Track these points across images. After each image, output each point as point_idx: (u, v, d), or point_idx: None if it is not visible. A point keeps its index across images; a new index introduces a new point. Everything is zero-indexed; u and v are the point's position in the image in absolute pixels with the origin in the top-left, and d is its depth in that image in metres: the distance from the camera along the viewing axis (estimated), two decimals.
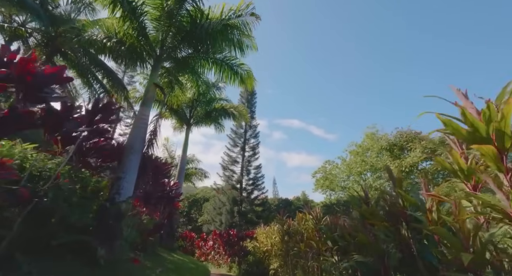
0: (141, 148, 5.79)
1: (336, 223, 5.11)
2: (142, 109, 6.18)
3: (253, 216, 20.30)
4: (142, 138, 5.85)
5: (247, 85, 8.41)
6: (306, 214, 6.97)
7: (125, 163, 5.50)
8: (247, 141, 23.19)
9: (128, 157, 5.56)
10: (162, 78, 8.82)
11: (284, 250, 8.72)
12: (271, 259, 9.93)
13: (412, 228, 2.98)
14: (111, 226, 4.98)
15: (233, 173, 22.18)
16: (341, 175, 22.68)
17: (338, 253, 4.86)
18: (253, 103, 24.04)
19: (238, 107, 13.06)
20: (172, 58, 7.45)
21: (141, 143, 5.82)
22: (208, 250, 17.14)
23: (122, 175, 5.36)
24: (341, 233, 4.64)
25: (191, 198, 26.74)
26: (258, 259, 11.44)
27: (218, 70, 8.33)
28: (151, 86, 6.41)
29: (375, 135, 19.95)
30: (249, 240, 13.31)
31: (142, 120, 5.97)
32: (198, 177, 16.66)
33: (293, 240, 8.02)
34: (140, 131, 5.89)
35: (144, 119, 6.00)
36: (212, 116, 12.92)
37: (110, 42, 6.46)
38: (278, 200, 24.30)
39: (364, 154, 20.29)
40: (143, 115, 6.05)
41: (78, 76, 10.54)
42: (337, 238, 4.70)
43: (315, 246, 6.25)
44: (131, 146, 5.70)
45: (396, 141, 16.15)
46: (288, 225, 8.53)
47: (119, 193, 5.19)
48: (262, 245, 10.89)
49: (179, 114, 12.83)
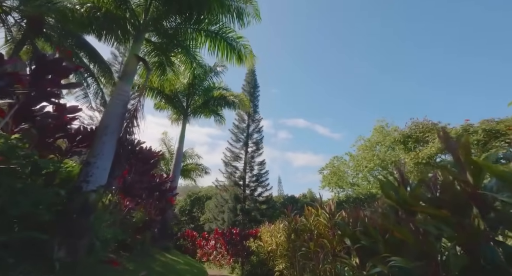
0: (118, 129, 4.82)
1: (356, 217, 4.05)
2: (121, 84, 5.21)
3: (257, 214, 19.27)
4: (119, 117, 4.87)
5: (245, 63, 7.39)
6: (317, 208, 5.93)
7: (96, 146, 4.53)
8: (250, 136, 22.18)
9: (101, 139, 4.59)
10: (151, 57, 7.85)
11: (290, 250, 7.76)
12: (276, 260, 9.01)
13: (490, 219, 1.93)
14: (76, 221, 4.04)
15: (236, 169, 21.22)
16: (349, 171, 21.52)
17: (360, 254, 3.82)
18: (256, 96, 22.99)
19: (239, 95, 12.06)
20: (158, 29, 6.47)
21: (118, 123, 4.84)
22: (210, 250, 16.28)
23: (91, 160, 4.40)
24: (365, 228, 3.61)
25: (193, 196, 25.90)
26: (262, 260, 10.52)
27: (213, 45, 7.32)
28: (131, 58, 5.43)
29: (384, 129, 18.70)
30: (252, 239, 12.39)
31: (119, 96, 5.00)
32: (198, 173, 15.75)
33: (301, 239, 7.02)
34: (117, 109, 4.91)
35: (123, 95, 5.02)
36: (211, 105, 11.93)
37: (83, 8, 5.51)
38: (283, 198, 23.25)
39: (373, 149, 19.08)
40: (121, 91, 5.08)
41: None
42: (359, 235, 3.65)
43: (328, 245, 5.19)
44: (105, 126, 4.72)
45: (411, 133, 14.88)
46: (295, 222, 7.57)
47: (87, 181, 4.23)
48: (266, 244, 10.05)
49: (175, 104, 11.89)
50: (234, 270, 12.65)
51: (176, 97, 11.52)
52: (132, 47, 5.66)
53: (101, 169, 4.42)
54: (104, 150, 4.53)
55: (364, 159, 18.23)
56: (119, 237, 5.72)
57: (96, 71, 9.40)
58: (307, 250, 6.16)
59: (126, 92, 5.10)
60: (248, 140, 21.99)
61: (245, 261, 11.98)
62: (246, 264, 11.84)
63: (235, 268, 12.69)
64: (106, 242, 5.14)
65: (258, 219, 18.39)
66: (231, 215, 18.85)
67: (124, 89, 5.10)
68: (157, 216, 8.61)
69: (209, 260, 15.95)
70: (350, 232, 3.94)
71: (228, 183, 20.67)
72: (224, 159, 21.55)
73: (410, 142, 15.34)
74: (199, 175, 15.84)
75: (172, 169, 11.07)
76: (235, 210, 19.10)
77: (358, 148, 20.13)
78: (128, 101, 5.13)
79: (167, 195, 8.15)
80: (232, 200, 19.31)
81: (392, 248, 3.17)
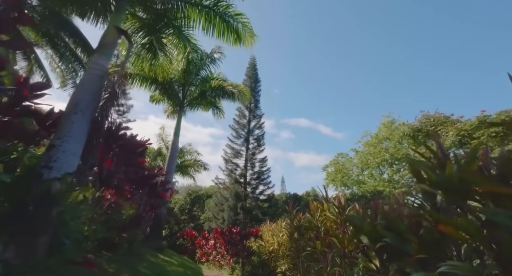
0: (91, 107, 4.10)
1: (376, 209, 3.27)
2: (96, 56, 4.48)
3: (259, 212, 18.49)
4: (93, 93, 4.16)
5: (244, 42, 6.65)
6: (322, 203, 5.17)
7: (64, 126, 3.82)
8: (251, 132, 21.39)
9: (70, 118, 3.88)
10: (139, 36, 7.15)
11: (293, 250, 7.06)
12: (279, 261, 8.36)
13: None
14: (33, 215, 3.34)
15: (237, 166, 20.44)
16: (355, 169, 20.64)
17: (380, 255, 3.07)
18: (257, 91, 22.20)
19: (238, 86, 11.31)
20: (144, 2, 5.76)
21: (91, 101, 4.13)
22: (209, 250, 15.64)
23: (56, 142, 3.69)
24: (389, 222, 2.85)
25: (193, 195, 25.22)
26: (263, 260, 9.89)
27: (208, 23, 6.60)
28: (110, 30, 4.72)
29: (393, 124, 17.78)
30: (253, 239, 11.76)
31: (94, 70, 4.28)
32: (196, 169, 15.04)
33: (305, 238, 6.30)
34: (90, 84, 4.19)
35: (97, 70, 4.31)
36: (208, 95, 11.19)
37: None
38: (286, 196, 22.48)
39: (379, 144, 18.20)
40: (96, 64, 4.36)
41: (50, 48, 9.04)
42: (381, 230, 2.88)
43: (337, 244, 4.44)
44: (75, 103, 4.01)
45: (421, 126, 14.02)
46: (298, 220, 6.86)
47: (49, 167, 3.52)
48: (268, 244, 9.45)
49: (171, 95, 11.18)
50: (234, 271, 12.08)
51: (171, 88, 10.81)
52: (112, 17, 4.95)
53: (69, 154, 3.70)
54: (73, 131, 3.82)
55: (370, 155, 17.34)
56: (99, 235, 5.02)
57: (86, 59, 8.73)
58: (312, 250, 5.43)
59: (101, 66, 4.38)
60: (249, 136, 21.21)
61: (246, 262, 11.43)
62: (246, 264, 11.30)
63: (235, 269, 12.12)
64: (82, 240, 4.45)
65: (259, 218, 17.63)
66: (232, 214, 18.10)
67: (99, 62, 4.38)
68: (148, 212, 7.93)
69: (208, 260, 15.36)
70: (368, 227, 3.18)
71: (228, 181, 19.92)
72: (224, 156, 20.80)
73: (420, 136, 14.49)
74: (197, 171, 15.13)
75: (167, 162, 10.36)
76: (235, 209, 18.35)
77: (364, 144, 19.26)
78: (104, 76, 4.41)
79: (159, 190, 7.44)
80: (232, 198, 18.56)
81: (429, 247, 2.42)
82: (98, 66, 4.36)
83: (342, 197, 4.47)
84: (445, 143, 12.05)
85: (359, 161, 19.43)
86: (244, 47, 6.69)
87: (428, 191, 2.40)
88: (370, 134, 19.90)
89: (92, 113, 4.20)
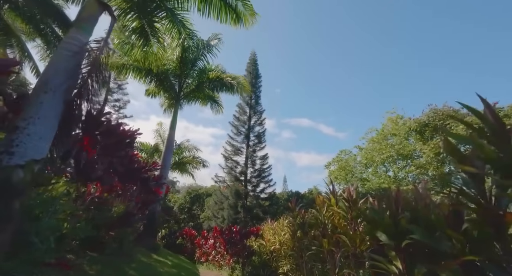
0: (64, 87, 3.57)
1: (397, 200, 2.68)
2: (73, 31, 3.94)
3: (259, 211, 17.95)
4: (67, 71, 3.62)
5: (244, 22, 6.10)
6: (331, 196, 4.62)
7: (31, 107, 3.29)
8: (251, 129, 20.84)
9: (38, 98, 3.35)
10: (130, 20, 6.61)
11: (296, 249, 6.57)
12: (280, 261, 7.89)
13: None
14: None
15: (237, 164, 19.91)
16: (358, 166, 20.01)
17: (403, 255, 2.51)
18: (258, 86, 21.64)
19: (237, 77, 10.75)
20: None
21: (66, 79, 3.59)
22: (209, 250, 15.15)
23: (21, 124, 3.16)
24: (417, 214, 2.28)
25: (193, 193, 24.72)
26: (264, 261, 9.42)
27: (203, 2, 6.07)
28: (90, 2, 4.19)
29: (401, 119, 17.02)
30: (254, 238, 11.28)
31: (68, 46, 3.74)
32: (195, 165, 14.52)
33: (309, 236, 5.78)
34: (64, 61, 3.65)
35: (73, 45, 3.77)
36: (205, 87, 10.64)
37: None
38: (288, 194, 21.91)
39: (385, 141, 17.55)
40: (72, 39, 3.82)
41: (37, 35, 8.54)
42: (406, 225, 2.27)
43: (347, 243, 3.90)
44: (45, 81, 3.47)
45: (429, 121, 13.39)
46: (302, 217, 6.38)
47: (10, 152, 2.99)
48: (269, 243, 9.00)
49: (166, 87, 10.65)
50: (234, 272, 11.62)
51: (166, 79, 10.28)
52: None
53: (35, 138, 3.17)
54: (42, 113, 3.28)
55: (375, 151, 16.70)
56: (82, 233, 4.50)
57: None
58: (318, 249, 4.90)
59: (78, 42, 3.84)
60: (250, 133, 20.67)
61: (246, 262, 10.94)
62: (247, 265, 10.81)
63: (235, 269, 11.66)
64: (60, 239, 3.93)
65: (260, 217, 17.11)
66: (232, 212, 17.57)
67: (76, 37, 3.84)
68: (140, 210, 7.41)
69: (208, 260, 14.89)
70: (388, 222, 2.63)
71: (228, 179, 19.39)
72: (224, 154, 20.28)
73: (427, 131, 13.88)
74: (196, 168, 14.60)
75: (162, 156, 9.83)
76: (235, 207, 17.82)
77: (369, 141, 18.62)
78: (81, 53, 3.87)
79: (151, 185, 6.91)
80: (232, 197, 18.03)
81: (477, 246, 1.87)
82: (74, 41, 3.81)
83: (353, 190, 3.94)
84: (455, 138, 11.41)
85: (363, 158, 18.81)
86: (245, 27, 6.13)
87: (474, 173, 1.86)
88: (376, 129, 19.21)
89: (67, 94, 3.66)
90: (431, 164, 12.54)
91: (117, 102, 20.84)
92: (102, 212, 5.39)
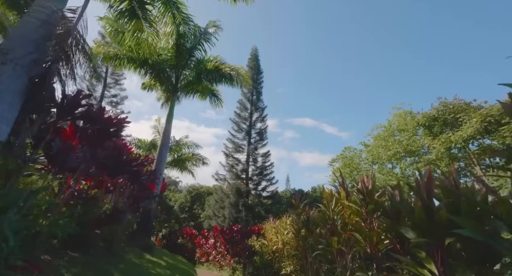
0: (29, 59, 3.05)
1: (430, 187, 2.04)
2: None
3: (261, 210, 17.40)
4: (33, 42, 3.11)
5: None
6: (340, 190, 4.06)
7: None
8: (253, 126, 20.29)
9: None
10: (118, 1, 6.11)
11: (300, 249, 6.04)
12: (283, 261, 7.41)
13: None
14: None
15: (238, 161, 19.36)
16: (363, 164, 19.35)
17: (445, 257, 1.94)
18: (260, 82, 21.08)
19: (237, 68, 10.21)
20: None
21: (31, 51, 3.08)
22: (209, 249, 14.71)
23: None
24: (455, 205, 1.71)
25: (193, 192, 24.25)
26: (267, 261, 8.96)
27: None
28: None
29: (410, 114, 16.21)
30: (255, 237, 10.81)
31: (36, 13, 3.22)
32: (194, 162, 14.00)
33: (314, 235, 5.23)
34: (31, 30, 3.15)
35: (41, 13, 3.24)
36: (203, 78, 10.11)
37: None
38: (291, 192, 21.34)
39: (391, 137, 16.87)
40: (40, 7, 3.29)
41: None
42: (447, 215, 1.68)
43: (361, 241, 3.34)
44: (5, 51, 2.96)
45: (438, 114, 12.69)
46: (306, 214, 5.88)
47: None
48: (271, 243, 8.53)
49: (163, 79, 10.13)
50: (234, 273, 11.18)
51: (162, 70, 9.77)
52: None
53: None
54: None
55: (381, 147, 16.02)
56: (58, 231, 3.98)
57: None
58: (325, 248, 4.33)
59: (48, 9, 3.31)
60: (251, 130, 20.11)
61: (247, 262, 10.47)
62: (248, 265, 10.36)
63: (236, 270, 11.23)
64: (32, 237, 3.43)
65: (262, 216, 16.58)
66: (233, 211, 17.05)
67: (44, 4, 3.32)
68: (131, 206, 6.91)
69: (208, 260, 14.45)
70: (420, 215, 2.05)
71: (229, 176, 18.86)
72: (225, 151, 19.75)
73: (436, 126, 13.21)
74: (195, 165, 14.09)
75: (158, 151, 9.35)
76: (237, 206, 17.29)
77: (374, 137, 17.96)
78: (52, 23, 3.35)
79: (142, 180, 6.39)
80: (233, 195, 17.50)
81: None
82: (42, 9, 3.29)
83: (369, 180, 3.34)
84: (467, 132, 10.78)
85: (369, 155, 18.16)
86: (245, 3, 5.60)
87: None
88: (383, 125, 18.44)
89: (33, 68, 3.14)
90: (442, 160, 11.90)
91: (114, 97, 20.38)
92: (87, 208, 4.89)
